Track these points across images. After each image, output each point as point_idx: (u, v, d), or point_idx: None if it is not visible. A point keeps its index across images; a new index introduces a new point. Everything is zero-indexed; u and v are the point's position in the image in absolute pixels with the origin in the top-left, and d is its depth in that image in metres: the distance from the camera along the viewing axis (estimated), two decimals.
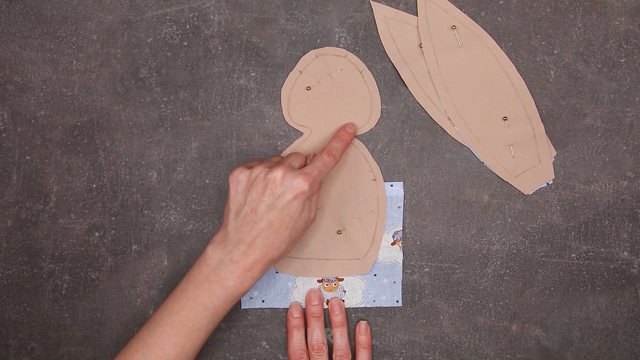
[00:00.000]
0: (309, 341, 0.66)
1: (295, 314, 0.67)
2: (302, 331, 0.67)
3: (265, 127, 0.68)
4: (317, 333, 0.66)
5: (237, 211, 0.59)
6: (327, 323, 0.68)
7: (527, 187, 0.68)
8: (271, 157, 0.65)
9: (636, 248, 0.68)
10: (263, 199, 0.58)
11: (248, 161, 0.68)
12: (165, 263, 0.68)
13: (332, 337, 0.67)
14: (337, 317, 0.67)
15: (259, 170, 0.59)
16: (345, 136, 0.65)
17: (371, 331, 0.68)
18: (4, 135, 0.68)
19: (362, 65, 0.68)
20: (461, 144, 0.69)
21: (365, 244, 0.68)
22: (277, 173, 0.58)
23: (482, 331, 0.69)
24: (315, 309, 0.66)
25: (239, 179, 0.60)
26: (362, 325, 0.67)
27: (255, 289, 0.68)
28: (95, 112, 0.68)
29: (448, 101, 0.68)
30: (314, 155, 0.64)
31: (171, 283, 0.67)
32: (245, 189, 0.60)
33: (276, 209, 0.58)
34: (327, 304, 0.68)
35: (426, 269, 0.68)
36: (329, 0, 0.68)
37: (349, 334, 0.68)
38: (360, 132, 0.68)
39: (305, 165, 0.63)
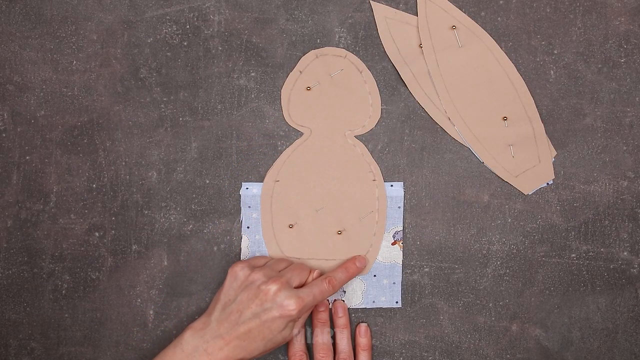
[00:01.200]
0: (314, 343, 0.66)
1: None
2: (303, 333, 0.67)
3: (265, 127, 0.68)
4: (322, 337, 0.66)
5: (225, 305, 0.61)
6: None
7: (527, 187, 0.68)
8: (278, 260, 0.65)
9: (636, 248, 0.68)
10: (251, 306, 0.59)
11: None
12: (165, 263, 0.68)
13: (333, 337, 0.67)
14: (341, 320, 0.67)
15: (257, 276, 0.60)
16: (353, 269, 0.66)
17: (371, 333, 0.68)
18: (4, 135, 0.68)
19: (362, 65, 0.68)
20: (461, 144, 0.69)
21: (365, 244, 0.68)
22: (272, 287, 0.59)
23: (482, 331, 0.69)
24: (321, 315, 0.67)
25: (237, 275, 0.61)
26: (362, 328, 0.68)
27: None
28: (95, 112, 0.68)
29: (448, 101, 0.68)
30: (318, 273, 0.65)
31: (171, 283, 0.67)
32: (239, 288, 0.61)
33: (259, 320, 0.59)
34: (331, 305, 0.68)
35: (426, 269, 0.69)
36: (329, 0, 0.68)
37: (350, 335, 0.67)
38: (360, 132, 0.68)
39: (305, 283, 0.63)
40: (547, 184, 0.68)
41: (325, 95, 0.68)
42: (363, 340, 0.67)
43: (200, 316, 0.62)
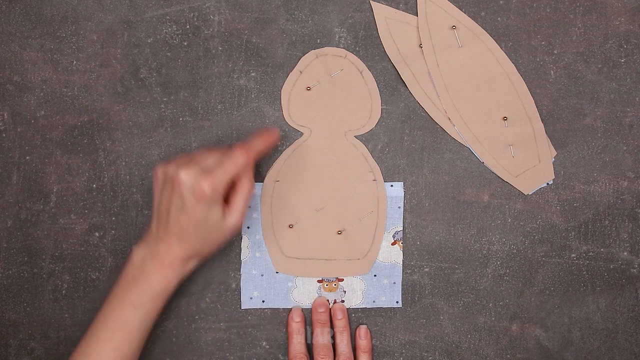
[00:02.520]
0: (314, 344, 0.66)
1: (297, 319, 0.67)
2: (303, 334, 0.67)
3: (265, 127, 0.68)
4: (322, 337, 0.66)
5: (157, 209, 0.60)
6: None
7: (527, 187, 0.68)
8: (198, 150, 0.63)
9: (636, 248, 0.68)
10: (172, 201, 0.58)
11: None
12: None
13: (333, 338, 0.67)
14: (340, 322, 0.67)
15: (170, 169, 0.59)
16: (266, 136, 0.63)
17: (371, 335, 0.68)
18: (4, 135, 0.68)
19: (362, 65, 0.68)
20: (461, 144, 0.69)
21: (365, 244, 0.68)
22: (182, 174, 0.57)
23: (482, 331, 0.69)
24: (322, 316, 0.67)
25: (158, 177, 0.60)
26: (362, 330, 0.68)
27: (255, 289, 0.68)
28: (95, 112, 0.68)
29: (448, 101, 0.68)
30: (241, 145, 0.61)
31: None
32: (162, 187, 0.60)
33: (183, 212, 0.58)
34: (331, 306, 0.68)
35: (426, 269, 0.68)
36: (329, 0, 0.68)
37: (350, 336, 0.67)
38: (360, 132, 0.68)
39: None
40: (547, 184, 0.68)
41: (325, 95, 0.68)
42: (363, 342, 0.67)
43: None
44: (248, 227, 0.68)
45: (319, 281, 0.68)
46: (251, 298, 0.68)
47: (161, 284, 0.59)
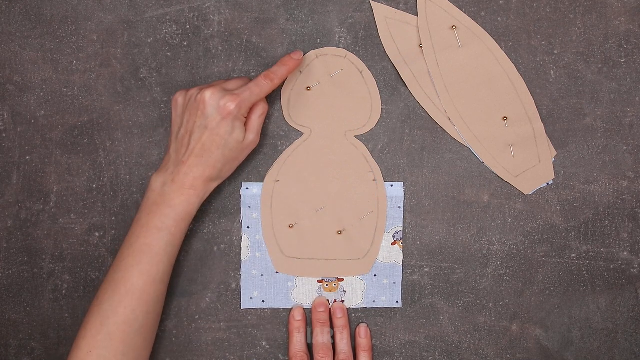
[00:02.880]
0: (314, 344, 0.66)
1: (297, 317, 0.67)
2: (304, 333, 0.67)
3: (265, 127, 0.68)
4: (322, 337, 0.66)
5: (176, 133, 0.61)
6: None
7: (527, 187, 0.68)
8: (216, 81, 0.65)
9: (636, 248, 0.68)
10: (195, 121, 0.60)
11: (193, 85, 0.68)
12: None
13: (333, 337, 0.67)
14: (340, 321, 0.67)
15: (192, 92, 0.61)
16: (289, 62, 0.64)
17: (371, 334, 0.68)
18: (4, 135, 0.68)
19: (362, 65, 0.68)
20: (461, 144, 0.69)
21: (365, 244, 0.68)
22: (206, 94, 0.59)
23: (482, 331, 0.69)
24: (321, 316, 0.67)
25: (178, 101, 0.62)
26: (362, 329, 0.68)
27: (255, 289, 0.68)
28: (95, 112, 0.68)
29: (448, 101, 0.68)
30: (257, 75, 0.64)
31: (171, 283, 0.67)
32: (183, 112, 0.61)
33: (207, 130, 0.59)
34: (331, 306, 0.68)
35: (426, 269, 0.69)
36: (329, 0, 0.68)
37: (350, 335, 0.67)
38: (360, 132, 0.68)
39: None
40: (547, 184, 0.68)
41: (325, 95, 0.68)
42: (363, 341, 0.67)
43: (163, 159, 0.62)
44: (248, 227, 0.68)
45: (319, 281, 0.68)
46: (251, 298, 0.68)
47: (183, 205, 0.60)
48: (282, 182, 0.68)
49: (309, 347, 0.67)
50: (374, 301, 0.68)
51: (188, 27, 0.68)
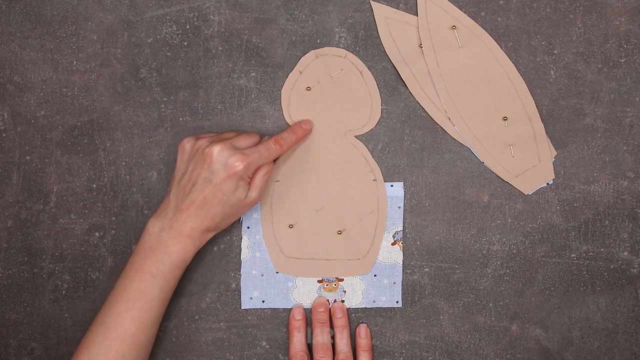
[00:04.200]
0: (314, 344, 0.66)
1: (298, 316, 0.67)
2: (304, 333, 0.67)
3: (265, 127, 0.68)
4: (322, 337, 0.66)
5: (179, 179, 0.61)
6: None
7: (527, 187, 0.68)
8: (226, 132, 0.65)
9: (636, 248, 0.68)
10: (200, 172, 0.60)
11: (202, 132, 0.68)
12: None
13: (333, 337, 0.67)
14: (340, 320, 0.67)
15: (202, 142, 0.61)
16: (299, 130, 0.66)
17: (371, 334, 0.68)
18: (4, 135, 0.68)
19: (362, 65, 0.68)
20: (461, 144, 0.69)
21: (365, 244, 0.68)
22: (215, 149, 0.59)
23: (482, 331, 0.69)
24: (321, 316, 0.67)
25: (185, 148, 0.62)
26: (362, 329, 0.68)
27: (255, 289, 0.68)
28: (95, 112, 0.68)
29: (448, 101, 0.68)
30: (269, 137, 0.64)
31: None
32: (189, 159, 0.61)
33: (210, 184, 0.59)
34: (330, 306, 0.68)
35: (426, 269, 0.68)
36: (329, 0, 0.68)
37: (350, 335, 0.67)
38: (360, 132, 0.68)
39: (255, 145, 0.63)
40: (547, 184, 0.68)
41: (325, 95, 0.68)
42: (363, 341, 0.67)
43: (161, 202, 0.62)
44: (248, 227, 0.68)
45: (319, 281, 0.68)
46: (251, 298, 0.68)
47: (180, 253, 0.60)
48: (282, 182, 0.68)
49: (309, 347, 0.67)
50: (374, 301, 0.68)
51: (188, 27, 0.68)
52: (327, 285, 0.68)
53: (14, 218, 0.68)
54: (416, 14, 0.68)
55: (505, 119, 0.68)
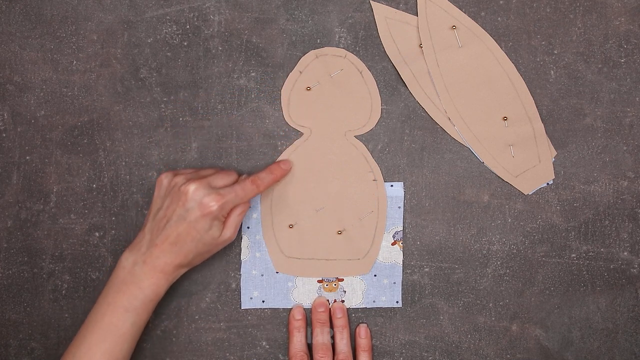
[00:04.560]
0: (314, 344, 0.66)
1: (298, 316, 0.67)
2: (304, 333, 0.67)
3: (265, 127, 0.68)
4: (322, 337, 0.66)
5: (155, 214, 0.61)
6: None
7: (527, 187, 0.68)
8: (205, 168, 0.65)
9: (636, 248, 0.68)
10: (175, 209, 0.60)
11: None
12: None
13: (333, 337, 0.67)
14: (339, 320, 0.67)
15: (178, 179, 0.61)
16: (277, 170, 0.65)
17: (371, 334, 0.68)
18: (4, 135, 0.68)
19: (362, 65, 0.68)
20: (461, 144, 0.69)
21: (365, 244, 0.68)
22: (191, 187, 0.59)
23: (482, 331, 0.69)
24: (321, 316, 0.67)
25: (162, 183, 0.62)
26: (362, 329, 0.68)
27: (255, 289, 0.68)
28: (95, 112, 0.68)
29: (448, 101, 0.68)
30: (247, 176, 0.64)
31: None
32: (165, 195, 0.61)
33: (185, 221, 0.59)
34: (330, 306, 0.68)
35: (426, 269, 0.68)
36: (329, 0, 0.68)
37: (350, 335, 0.67)
38: (360, 132, 0.68)
39: (232, 183, 0.63)
40: (547, 184, 0.68)
41: (325, 95, 0.68)
42: (363, 341, 0.67)
43: (136, 235, 0.62)
44: (248, 227, 0.68)
45: (319, 281, 0.68)
46: (251, 298, 0.68)
47: (152, 288, 0.60)
48: (282, 182, 0.68)
49: (309, 347, 0.67)
50: (374, 301, 0.68)
51: (188, 27, 0.68)
52: (327, 285, 0.68)
53: (14, 218, 0.68)
54: (416, 14, 0.68)
55: (505, 119, 0.68)
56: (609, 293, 0.69)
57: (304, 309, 0.68)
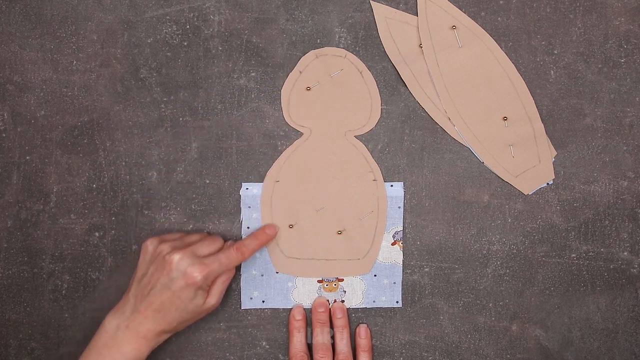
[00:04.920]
0: (314, 344, 0.66)
1: (298, 317, 0.67)
2: (304, 333, 0.67)
3: (265, 127, 0.68)
4: (322, 337, 0.66)
5: (139, 279, 0.61)
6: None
7: (527, 187, 0.68)
8: (190, 234, 0.65)
9: (636, 248, 0.68)
10: (159, 277, 0.60)
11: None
12: None
13: (333, 337, 0.67)
14: (339, 321, 0.67)
15: (164, 247, 0.61)
16: (262, 236, 0.66)
17: (371, 334, 0.68)
18: (4, 135, 0.68)
19: (362, 65, 0.68)
20: (461, 144, 0.69)
21: (365, 244, 0.68)
22: (175, 256, 0.60)
23: (482, 331, 0.69)
24: (321, 316, 0.67)
25: (148, 249, 0.62)
26: (362, 329, 0.68)
27: (255, 289, 0.68)
28: (95, 112, 0.68)
29: (448, 101, 0.68)
30: (232, 242, 0.64)
31: None
32: (150, 261, 0.62)
33: (169, 290, 0.59)
34: (331, 306, 0.68)
35: (426, 269, 0.68)
36: (329, 0, 0.68)
37: (350, 335, 0.67)
38: (360, 132, 0.68)
39: (218, 251, 0.63)
40: (547, 184, 0.68)
41: (325, 95, 0.68)
42: (363, 341, 0.67)
43: (121, 298, 0.62)
44: (248, 227, 0.68)
45: (319, 281, 0.68)
46: (251, 298, 0.68)
47: (134, 353, 0.60)
48: (282, 182, 0.68)
49: (309, 347, 0.67)
50: (374, 301, 0.68)
51: (188, 27, 0.68)
52: (327, 285, 0.68)
53: (14, 218, 0.68)
54: (416, 14, 0.68)
55: (505, 119, 0.68)
56: (609, 293, 0.69)
57: (304, 309, 0.68)
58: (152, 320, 0.59)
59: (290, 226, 0.68)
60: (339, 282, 0.68)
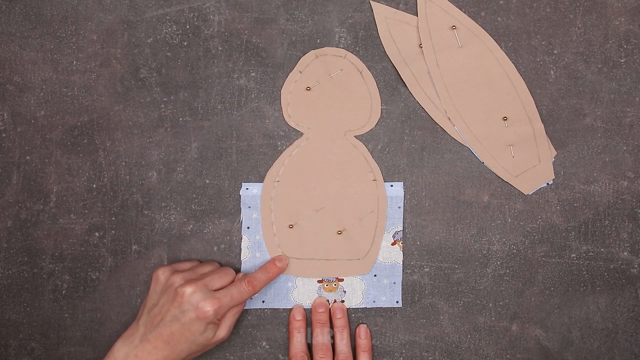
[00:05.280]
0: (314, 344, 0.66)
1: (298, 317, 0.67)
2: (304, 333, 0.67)
3: (265, 127, 0.68)
4: (322, 337, 0.66)
5: (150, 309, 0.61)
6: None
7: (527, 187, 0.68)
8: (203, 264, 0.65)
9: (636, 248, 0.68)
10: (170, 309, 0.60)
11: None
12: (165, 263, 0.68)
13: (333, 338, 0.67)
14: (339, 321, 0.67)
15: (175, 279, 0.61)
16: (273, 269, 0.66)
17: (371, 334, 0.68)
18: (4, 135, 0.68)
19: (362, 66, 0.68)
20: (461, 144, 0.69)
21: (365, 244, 0.68)
22: (188, 289, 0.59)
23: (482, 331, 0.69)
24: (321, 316, 0.67)
25: (159, 279, 0.62)
26: (362, 329, 0.68)
27: None
28: (95, 112, 0.68)
29: (448, 101, 0.68)
30: (243, 275, 0.64)
31: None
32: (161, 291, 0.61)
33: (179, 322, 0.59)
34: (330, 306, 0.68)
35: (426, 269, 0.68)
36: (329, 0, 0.68)
37: (350, 335, 0.67)
38: (360, 132, 0.68)
39: (229, 283, 0.63)
40: (547, 184, 0.68)
41: (325, 95, 0.68)
42: (363, 341, 0.67)
43: (131, 324, 0.62)
44: (248, 227, 0.68)
45: (319, 281, 0.68)
46: (251, 298, 0.68)
47: None
48: (282, 182, 0.68)
49: (309, 347, 0.67)
50: (374, 301, 0.68)
51: (188, 27, 0.68)
52: (327, 285, 0.68)
53: (14, 218, 0.68)
54: (416, 14, 0.68)
55: (505, 119, 0.68)
56: (609, 293, 0.69)
57: (304, 309, 0.68)
58: (161, 351, 0.59)
59: (290, 226, 0.68)
60: (339, 282, 0.68)
